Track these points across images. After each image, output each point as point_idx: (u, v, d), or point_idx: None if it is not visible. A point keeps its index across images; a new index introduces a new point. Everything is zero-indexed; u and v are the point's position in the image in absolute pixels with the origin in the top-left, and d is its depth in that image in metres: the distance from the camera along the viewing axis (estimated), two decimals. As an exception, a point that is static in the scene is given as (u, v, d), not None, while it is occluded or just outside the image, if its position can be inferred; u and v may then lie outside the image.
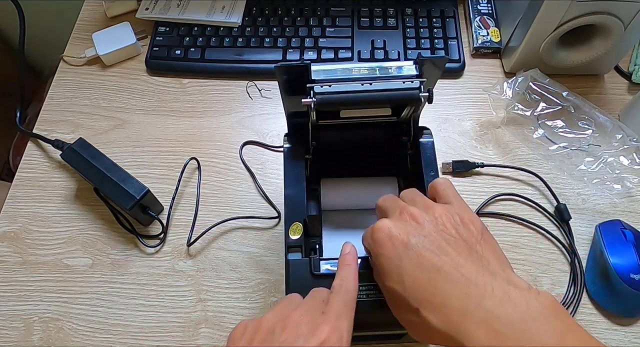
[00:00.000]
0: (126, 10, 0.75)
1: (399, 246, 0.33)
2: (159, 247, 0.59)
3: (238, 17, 0.72)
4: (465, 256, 0.32)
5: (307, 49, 0.70)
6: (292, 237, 0.42)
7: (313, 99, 0.39)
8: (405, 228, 0.34)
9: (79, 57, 0.71)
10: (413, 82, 0.39)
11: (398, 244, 0.33)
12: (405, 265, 0.33)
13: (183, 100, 0.69)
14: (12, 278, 0.57)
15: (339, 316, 0.34)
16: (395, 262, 0.33)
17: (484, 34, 0.71)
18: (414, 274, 0.32)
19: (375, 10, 0.73)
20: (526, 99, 0.62)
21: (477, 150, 0.64)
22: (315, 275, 0.41)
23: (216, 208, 0.61)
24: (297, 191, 0.44)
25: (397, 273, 0.33)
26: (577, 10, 0.57)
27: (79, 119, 0.67)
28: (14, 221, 0.61)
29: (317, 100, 0.39)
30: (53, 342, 0.54)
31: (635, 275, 0.52)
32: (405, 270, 0.32)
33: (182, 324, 0.55)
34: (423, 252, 0.32)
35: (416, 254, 0.33)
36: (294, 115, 0.45)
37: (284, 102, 0.43)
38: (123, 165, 0.59)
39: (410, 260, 0.32)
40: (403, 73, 0.40)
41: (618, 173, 0.59)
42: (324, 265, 0.42)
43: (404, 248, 0.33)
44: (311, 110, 0.40)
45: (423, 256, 0.32)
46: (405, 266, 0.33)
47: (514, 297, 0.30)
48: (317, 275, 0.41)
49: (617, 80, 0.69)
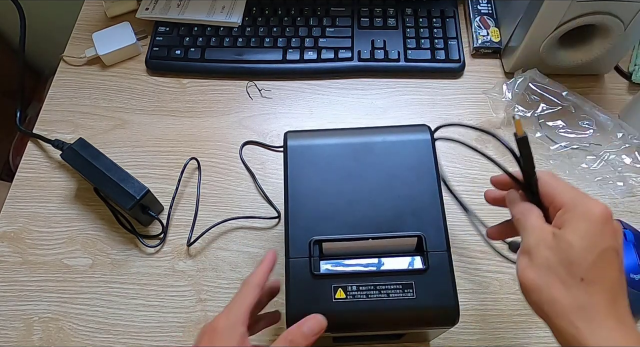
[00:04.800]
0: (126, 10, 0.75)
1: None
2: (159, 247, 0.59)
3: (238, 17, 0.72)
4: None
5: (307, 49, 0.70)
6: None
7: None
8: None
9: (79, 57, 0.71)
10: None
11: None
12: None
13: (183, 100, 0.69)
14: (12, 278, 0.57)
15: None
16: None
17: (484, 34, 0.71)
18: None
19: (375, 10, 0.73)
20: (526, 100, 0.62)
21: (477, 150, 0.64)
22: (315, 275, 0.41)
23: (216, 208, 0.61)
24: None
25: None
26: (577, 10, 0.57)
27: (79, 119, 0.67)
28: (14, 221, 0.61)
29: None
30: (53, 342, 0.54)
31: (635, 275, 0.52)
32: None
33: (182, 324, 0.55)
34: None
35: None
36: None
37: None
38: (123, 166, 0.59)
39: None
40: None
41: (620, 171, 0.59)
42: (324, 265, 0.42)
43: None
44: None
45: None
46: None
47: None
48: (317, 275, 0.41)
49: (617, 80, 0.69)
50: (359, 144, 0.46)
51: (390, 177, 0.45)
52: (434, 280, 0.41)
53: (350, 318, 0.40)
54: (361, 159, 0.45)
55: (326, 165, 0.45)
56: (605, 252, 0.32)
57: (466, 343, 0.53)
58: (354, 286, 0.41)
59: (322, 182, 0.45)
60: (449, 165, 0.63)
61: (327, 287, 0.41)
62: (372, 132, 0.48)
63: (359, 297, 0.40)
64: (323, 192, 0.44)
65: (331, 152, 0.46)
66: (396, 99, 0.68)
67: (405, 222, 0.43)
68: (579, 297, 0.31)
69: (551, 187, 0.36)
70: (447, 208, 0.44)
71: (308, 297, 0.40)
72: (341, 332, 0.42)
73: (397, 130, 0.48)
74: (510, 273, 0.56)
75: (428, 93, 0.69)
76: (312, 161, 0.45)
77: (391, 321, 0.41)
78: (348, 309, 0.40)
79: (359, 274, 0.41)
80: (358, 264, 0.42)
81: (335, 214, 0.43)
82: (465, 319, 0.54)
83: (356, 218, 0.43)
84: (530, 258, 0.34)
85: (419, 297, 0.40)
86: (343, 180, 0.45)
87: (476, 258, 0.57)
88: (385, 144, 0.46)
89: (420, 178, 0.45)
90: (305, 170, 0.45)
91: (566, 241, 0.32)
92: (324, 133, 0.49)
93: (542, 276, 0.33)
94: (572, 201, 0.34)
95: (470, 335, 0.53)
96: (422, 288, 0.40)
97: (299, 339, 0.37)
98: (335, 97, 0.69)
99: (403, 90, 0.69)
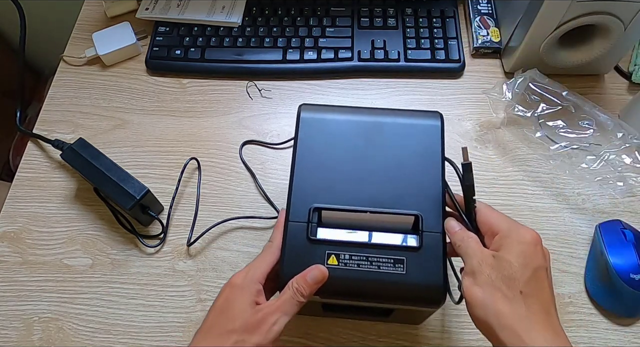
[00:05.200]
0: (126, 10, 0.76)
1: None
2: (159, 247, 0.59)
3: (238, 17, 0.72)
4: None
5: (307, 49, 0.70)
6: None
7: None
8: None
9: (79, 57, 0.71)
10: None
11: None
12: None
13: (183, 100, 0.69)
14: (12, 278, 0.57)
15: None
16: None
17: (484, 34, 0.71)
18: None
19: (375, 10, 0.73)
20: (526, 100, 0.62)
21: (477, 150, 0.64)
22: (311, 240, 0.42)
23: (216, 208, 0.61)
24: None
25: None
26: (577, 10, 0.57)
27: (79, 119, 0.68)
28: (14, 221, 0.61)
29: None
30: (53, 342, 0.54)
31: (635, 275, 0.52)
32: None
33: (182, 324, 0.55)
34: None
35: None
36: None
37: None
38: (123, 166, 0.59)
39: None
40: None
41: (620, 171, 0.59)
42: (321, 231, 0.43)
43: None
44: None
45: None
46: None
47: None
48: (313, 240, 0.42)
49: (617, 80, 0.69)
50: (369, 122, 0.47)
51: (396, 158, 0.46)
52: (426, 259, 0.42)
53: (339, 284, 0.42)
54: (370, 137, 0.46)
55: (335, 139, 0.47)
56: (539, 270, 0.37)
57: (466, 343, 0.53)
58: (347, 255, 0.42)
59: (329, 155, 0.46)
60: (449, 165, 0.63)
61: (321, 253, 0.42)
62: (384, 113, 0.49)
63: (350, 266, 0.42)
64: (329, 165, 0.45)
65: (341, 128, 0.47)
66: (396, 99, 0.68)
67: (404, 202, 0.44)
68: (520, 308, 0.35)
69: (488, 216, 0.41)
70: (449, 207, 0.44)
71: (302, 260, 0.42)
72: (329, 298, 0.43)
73: (409, 113, 0.49)
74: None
75: (428, 93, 0.69)
76: (322, 134, 0.47)
77: (378, 292, 0.42)
78: (339, 275, 0.41)
79: (353, 243, 0.43)
80: (354, 235, 0.43)
81: (337, 186, 0.44)
82: (465, 319, 0.54)
83: (358, 192, 0.44)
84: (474, 278, 0.38)
85: (408, 273, 0.41)
86: (350, 155, 0.46)
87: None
88: (395, 125, 0.47)
89: (425, 162, 0.46)
90: (314, 142, 0.47)
91: (506, 260, 0.37)
92: (337, 109, 0.50)
93: (486, 291, 0.36)
94: (508, 227, 0.39)
95: (470, 335, 0.53)
96: (413, 265, 0.42)
97: (303, 286, 0.40)
98: (335, 97, 0.69)
99: (403, 90, 0.69)
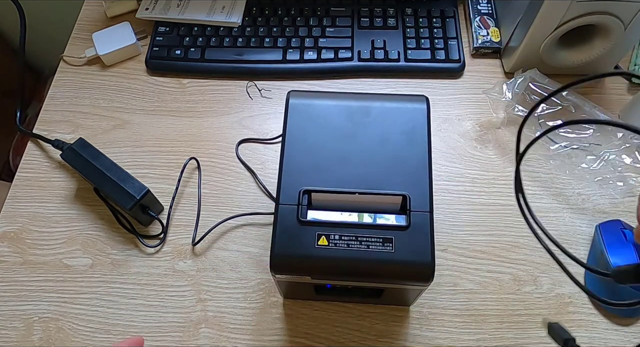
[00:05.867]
0: (126, 10, 0.76)
1: None
2: (159, 247, 0.59)
3: (238, 17, 0.72)
4: None
5: (307, 49, 0.70)
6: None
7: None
8: None
9: (79, 57, 0.71)
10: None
11: None
12: None
13: (183, 100, 0.69)
14: (12, 278, 0.57)
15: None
16: None
17: (484, 34, 0.71)
18: None
19: (375, 10, 0.73)
20: (526, 100, 0.62)
21: (477, 150, 0.64)
22: (301, 222, 0.43)
23: (216, 208, 0.61)
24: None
25: None
26: (577, 10, 0.57)
27: (79, 119, 0.68)
28: (14, 221, 0.61)
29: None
30: (53, 342, 0.54)
31: (635, 275, 0.52)
32: None
33: (182, 324, 0.55)
34: None
35: None
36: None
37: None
38: (123, 166, 0.59)
39: None
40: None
41: (620, 171, 0.59)
42: (311, 213, 0.44)
43: None
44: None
45: None
46: None
47: None
48: (303, 222, 0.43)
49: (617, 80, 0.69)
50: (357, 107, 0.49)
51: (384, 140, 0.47)
52: (414, 238, 0.42)
53: (330, 264, 0.42)
54: (357, 121, 0.48)
55: (323, 123, 0.48)
56: None
57: (466, 343, 0.53)
58: (337, 235, 0.43)
59: (318, 139, 0.47)
60: (449, 165, 0.63)
61: (312, 234, 0.43)
62: (371, 97, 0.50)
63: (340, 246, 0.42)
64: (318, 148, 0.46)
65: (329, 112, 0.48)
66: (396, 99, 0.68)
67: (392, 182, 0.45)
68: None
69: None
70: (449, 207, 0.44)
71: (293, 242, 0.42)
72: (321, 278, 0.44)
73: (396, 98, 0.50)
74: (510, 273, 0.56)
75: (428, 93, 0.68)
76: (310, 119, 0.48)
77: (369, 271, 0.42)
78: (329, 255, 0.42)
79: (342, 224, 0.43)
80: (343, 216, 0.44)
81: (327, 169, 0.45)
82: (465, 319, 0.54)
83: (346, 174, 0.45)
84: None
85: (397, 251, 0.42)
86: (338, 138, 0.47)
87: (476, 258, 0.57)
88: (382, 108, 0.48)
89: (412, 143, 0.46)
90: (303, 126, 0.47)
91: None
92: (325, 94, 0.51)
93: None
94: None
95: (470, 335, 0.53)
96: (402, 244, 0.42)
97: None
98: (335, 97, 0.69)
99: (403, 90, 0.69)
